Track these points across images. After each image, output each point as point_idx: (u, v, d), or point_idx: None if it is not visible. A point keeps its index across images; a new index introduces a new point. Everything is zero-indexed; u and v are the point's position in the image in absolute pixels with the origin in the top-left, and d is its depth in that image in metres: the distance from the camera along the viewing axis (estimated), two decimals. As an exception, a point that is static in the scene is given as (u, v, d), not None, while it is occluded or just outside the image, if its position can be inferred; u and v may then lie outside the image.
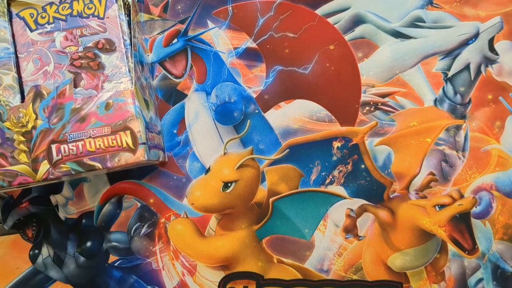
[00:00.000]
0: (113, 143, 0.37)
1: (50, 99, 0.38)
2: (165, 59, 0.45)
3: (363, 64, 0.44)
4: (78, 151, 0.37)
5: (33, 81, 0.39)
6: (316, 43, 0.44)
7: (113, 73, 0.39)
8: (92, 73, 0.39)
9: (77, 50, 0.39)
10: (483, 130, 0.44)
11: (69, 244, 0.44)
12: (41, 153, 0.37)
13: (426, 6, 0.44)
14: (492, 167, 0.43)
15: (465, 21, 0.44)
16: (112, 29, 0.39)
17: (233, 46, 0.45)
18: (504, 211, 0.43)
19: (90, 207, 0.44)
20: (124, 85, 0.39)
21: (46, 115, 0.37)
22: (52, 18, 0.39)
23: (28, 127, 0.37)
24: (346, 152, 0.43)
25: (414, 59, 0.44)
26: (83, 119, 0.37)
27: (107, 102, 0.37)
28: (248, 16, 0.44)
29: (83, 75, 0.39)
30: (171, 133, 0.44)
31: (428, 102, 0.44)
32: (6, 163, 0.37)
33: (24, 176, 0.37)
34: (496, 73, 0.44)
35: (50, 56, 0.39)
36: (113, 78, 0.39)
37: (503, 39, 0.44)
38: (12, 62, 0.38)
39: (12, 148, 0.37)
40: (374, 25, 0.44)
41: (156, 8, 0.45)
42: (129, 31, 0.40)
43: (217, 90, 0.44)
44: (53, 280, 0.45)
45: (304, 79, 0.44)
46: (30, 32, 0.39)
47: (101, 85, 0.39)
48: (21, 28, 0.39)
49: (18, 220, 0.44)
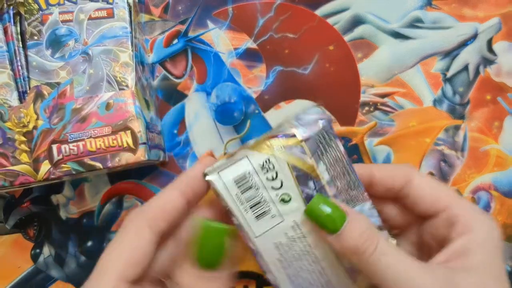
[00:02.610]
0: (114, 143, 0.37)
1: (51, 99, 0.38)
2: (166, 60, 0.45)
3: (362, 65, 0.44)
4: (78, 151, 0.37)
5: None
6: (315, 44, 0.44)
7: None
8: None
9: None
10: (482, 130, 0.44)
11: (70, 244, 0.45)
12: (42, 153, 0.37)
13: (425, 7, 0.44)
14: (491, 167, 0.43)
15: (464, 22, 0.44)
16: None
17: (233, 46, 0.45)
18: (502, 211, 0.43)
19: (91, 207, 0.44)
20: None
21: (47, 115, 0.38)
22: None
23: (29, 127, 0.37)
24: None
25: (413, 60, 0.44)
26: (83, 119, 0.37)
27: (108, 102, 0.38)
28: (248, 17, 0.45)
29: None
30: (171, 133, 0.44)
31: (427, 103, 0.44)
32: (7, 163, 0.37)
33: (25, 176, 0.37)
34: (494, 73, 0.44)
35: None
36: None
37: (501, 40, 0.44)
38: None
39: (13, 148, 0.37)
40: (374, 26, 0.44)
41: (156, 9, 0.45)
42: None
43: (217, 91, 0.44)
44: (54, 279, 0.45)
45: (304, 80, 0.44)
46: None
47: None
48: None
49: (19, 220, 0.45)
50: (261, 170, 0.28)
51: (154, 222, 0.27)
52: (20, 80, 0.39)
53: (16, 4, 0.40)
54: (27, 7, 0.40)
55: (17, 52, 0.39)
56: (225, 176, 0.28)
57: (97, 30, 0.39)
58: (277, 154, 0.28)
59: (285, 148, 0.28)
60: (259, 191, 0.28)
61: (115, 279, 0.26)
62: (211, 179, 0.28)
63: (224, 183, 0.28)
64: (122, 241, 0.27)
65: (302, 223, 0.29)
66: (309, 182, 0.29)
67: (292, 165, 0.28)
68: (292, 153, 0.28)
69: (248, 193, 0.28)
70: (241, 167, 0.28)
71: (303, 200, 0.28)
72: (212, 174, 0.28)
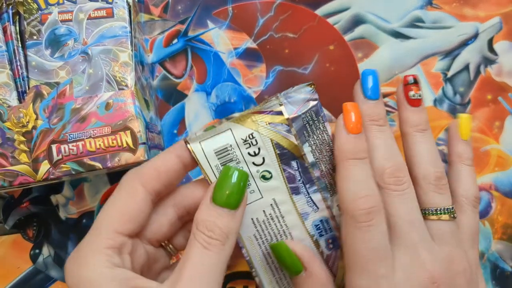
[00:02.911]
0: (113, 143, 0.37)
1: (50, 99, 0.38)
2: (165, 60, 0.45)
3: (363, 64, 0.44)
4: (78, 151, 0.37)
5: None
6: (316, 44, 0.44)
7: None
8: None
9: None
10: (483, 130, 0.44)
11: (69, 244, 0.45)
12: (42, 153, 0.37)
13: (426, 6, 0.44)
14: (491, 167, 0.43)
15: (465, 22, 0.44)
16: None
17: (233, 46, 0.45)
18: (503, 211, 0.43)
19: (91, 207, 0.44)
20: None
21: (46, 115, 0.38)
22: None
23: (28, 127, 0.37)
24: (345, 152, 0.43)
25: (414, 60, 0.44)
26: (83, 119, 0.37)
27: (107, 102, 0.37)
28: (248, 16, 0.45)
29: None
30: (171, 133, 0.44)
31: (427, 102, 0.44)
32: (6, 163, 0.37)
33: (24, 176, 0.37)
34: (495, 73, 0.44)
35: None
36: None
37: (502, 39, 0.44)
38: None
39: (13, 148, 0.37)
40: (374, 25, 0.44)
41: (156, 8, 0.45)
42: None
43: (217, 90, 0.44)
44: (54, 279, 0.45)
45: (304, 79, 0.44)
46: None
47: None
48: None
49: (18, 220, 0.44)
50: (243, 144, 0.28)
51: (148, 182, 0.28)
52: (19, 79, 0.39)
53: (15, 4, 0.40)
54: (26, 6, 0.40)
55: (16, 51, 0.39)
56: (206, 146, 0.28)
57: (96, 30, 0.39)
58: (261, 130, 0.28)
59: (270, 124, 0.28)
60: (239, 165, 0.28)
61: (112, 231, 0.27)
62: (192, 147, 0.28)
63: (204, 153, 0.28)
64: (117, 199, 0.28)
65: (280, 202, 0.29)
66: (292, 162, 0.28)
67: (276, 143, 0.28)
68: (277, 130, 0.28)
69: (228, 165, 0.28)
70: (223, 139, 0.28)
71: (284, 179, 0.28)
72: (193, 143, 0.28)
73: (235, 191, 0.26)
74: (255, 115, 0.28)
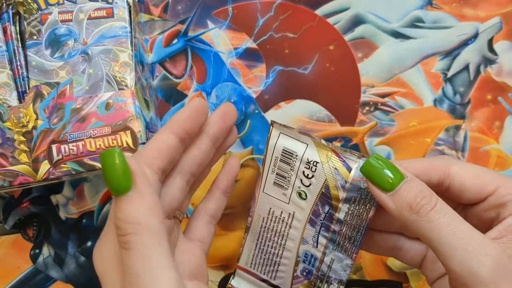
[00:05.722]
0: (114, 143, 0.37)
1: (50, 99, 0.38)
2: (165, 60, 0.45)
3: (363, 64, 0.44)
4: (78, 151, 0.37)
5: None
6: (316, 44, 0.44)
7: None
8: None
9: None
10: (483, 130, 0.44)
11: (69, 244, 0.45)
12: (42, 153, 0.37)
13: (426, 6, 0.44)
14: (491, 167, 0.43)
15: (465, 22, 0.44)
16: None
17: (233, 46, 0.45)
18: (503, 211, 0.43)
19: (91, 207, 0.44)
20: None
21: (46, 115, 0.38)
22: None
23: (28, 127, 0.37)
24: (345, 152, 0.43)
25: (414, 60, 0.44)
26: (83, 119, 0.37)
27: (107, 102, 0.37)
28: (248, 16, 0.45)
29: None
30: (171, 133, 0.44)
31: (427, 102, 0.44)
32: (6, 163, 0.37)
33: (24, 176, 0.37)
34: (495, 73, 0.44)
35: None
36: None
37: (502, 39, 0.44)
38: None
39: (13, 148, 0.37)
40: (374, 25, 0.44)
41: (156, 8, 0.45)
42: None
43: (217, 90, 0.44)
44: (54, 279, 0.45)
45: (304, 79, 0.44)
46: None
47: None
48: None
49: (19, 220, 0.44)
50: (306, 163, 0.31)
51: (152, 161, 0.28)
52: (19, 79, 0.39)
53: (15, 4, 0.40)
54: (26, 6, 0.40)
55: (16, 51, 0.39)
56: (282, 140, 0.31)
57: (96, 30, 0.39)
58: (325, 167, 0.30)
59: (335, 169, 0.30)
60: (291, 172, 0.31)
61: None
62: (272, 130, 0.31)
63: (276, 142, 0.31)
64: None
65: (296, 218, 0.32)
66: (326, 205, 0.31)
67: (327, 184, 0.31)
68: (336, 178, 0.30)
69: (283, 165, 0.31)
70: (296, 147, 0.31)
71: (312, 209, 0.31)
72: (276, 128, 0.31)
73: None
74: (332, 153, 0.30)
